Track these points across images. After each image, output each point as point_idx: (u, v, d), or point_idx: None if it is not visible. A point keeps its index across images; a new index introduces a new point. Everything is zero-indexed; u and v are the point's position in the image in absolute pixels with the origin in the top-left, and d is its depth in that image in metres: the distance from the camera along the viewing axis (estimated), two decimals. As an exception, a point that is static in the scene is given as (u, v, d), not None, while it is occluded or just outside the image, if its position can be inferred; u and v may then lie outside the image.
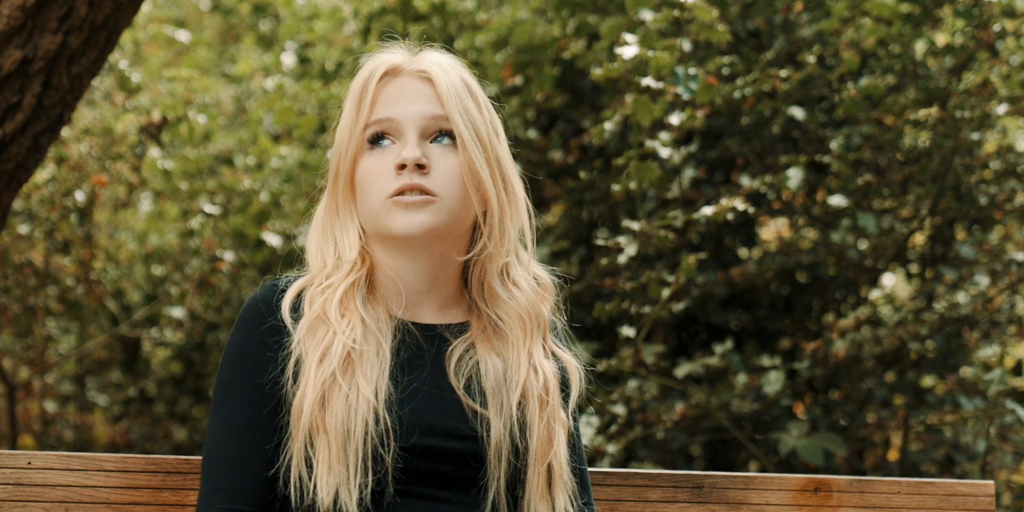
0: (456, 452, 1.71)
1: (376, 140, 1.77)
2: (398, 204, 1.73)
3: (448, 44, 4.83)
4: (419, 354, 1.76)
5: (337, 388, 1.68)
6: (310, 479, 1.67)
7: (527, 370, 1.77)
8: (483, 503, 1.72)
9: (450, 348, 1.77)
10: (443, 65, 1.79)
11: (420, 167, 1.73)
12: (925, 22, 4.04)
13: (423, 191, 1.73)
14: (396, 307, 1.78)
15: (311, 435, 1.67)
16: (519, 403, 1.75)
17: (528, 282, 1.84)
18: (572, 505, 1.77)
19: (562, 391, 1.82)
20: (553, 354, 1.83)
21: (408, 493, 1.69)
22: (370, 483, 1.66)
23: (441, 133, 1.77)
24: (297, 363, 1.71)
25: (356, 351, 1.70)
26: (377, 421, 1.66)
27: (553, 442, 1.75)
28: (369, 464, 1.66)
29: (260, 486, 1.70)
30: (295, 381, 1.70)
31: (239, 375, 1.73)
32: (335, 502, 1.65)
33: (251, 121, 5.12)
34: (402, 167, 1.74)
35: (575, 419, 1.85)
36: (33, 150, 2.82)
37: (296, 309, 1.75)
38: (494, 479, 1.71)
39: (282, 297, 1.76)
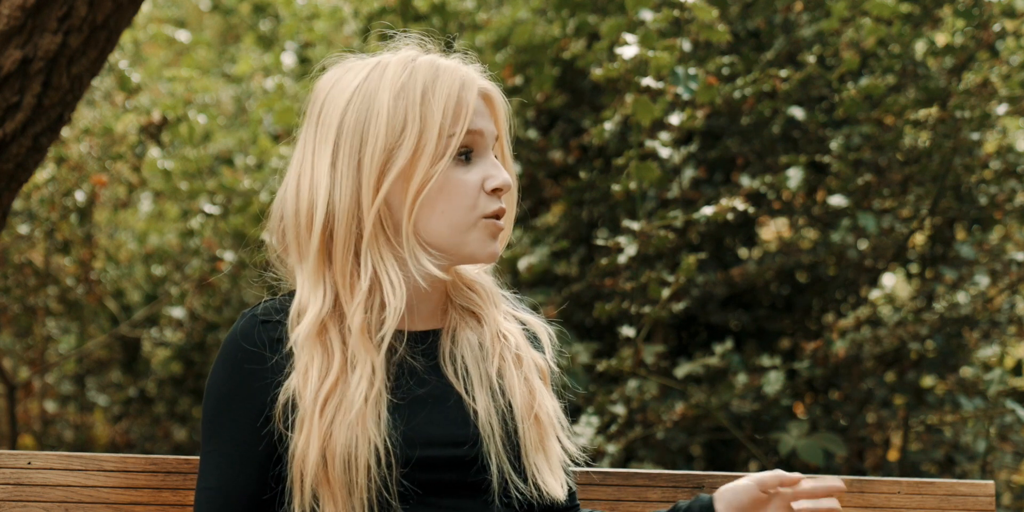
0: (458, 460, 1.70)
1: (465, 152, 1.70)
2: (493, 226, 1.70)
3: (448, 44, 4.83)
4: (415, 367, 1.73)
5: (338, 436, 1.62)
6: None
7: (499, 339, 1.77)
8: (488, 477, 1.70)
9: (439, 344, 1.76)
10: (493, 83, 1.79)
11: None
12: (925, 22, 4.04)
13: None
14: (392, 321, 1.72)
15: (315, 488, 1.63)
16: (498, 371, 1.75)
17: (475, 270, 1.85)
18: (568, 442, 1.78)
19: (535, 346, 1.83)
20: (515, 317, 1.84)
21: (418, 508, 1.69)
22: None
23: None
24: (292, 405, 1.65)
25: (369, 396, 1.65)
26: (379, 462, 1.63)
27: (535, 394, 1.75)
28: (376, 509, 1.64)
29: None
30: (288, 424, 1.65)
31: (223, 414, 1.68)
32: None
33: (251, 121, 5.12)
34: (496, 190, 1.70)
35: (552, 368, 1.84)
36: (33, 150, 2.81)
37: (284, 342, 1.68)
38: (492, 445, 1.70)
39: (264, 329, 1.68)
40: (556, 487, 1.74)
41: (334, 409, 1.63)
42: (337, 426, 1.62)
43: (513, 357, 1.77)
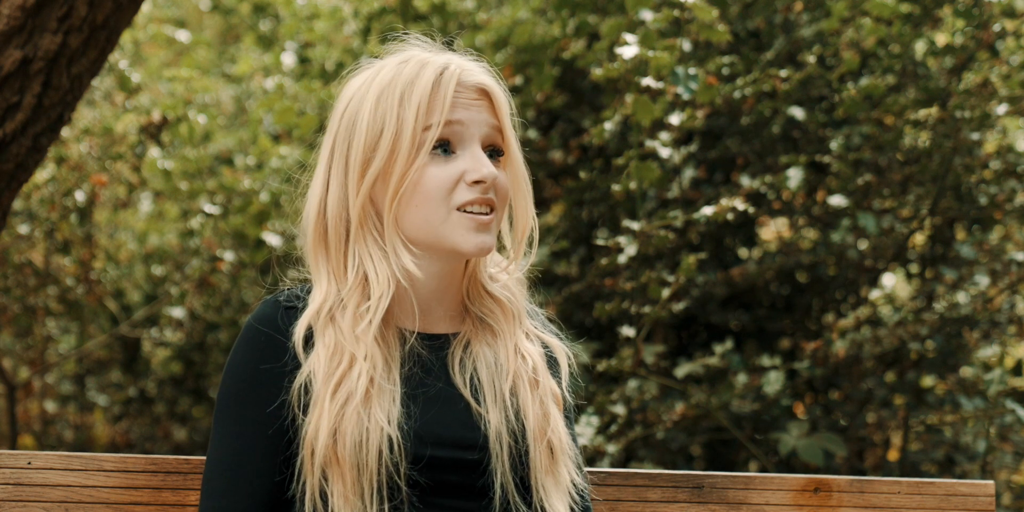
0: (465, 462, 1.71)
1: (442, 145, 1.71)
2: (471, 220, 1.70)
3: (448, 45, 4.83)
4: (429, 367, 1.75)
5: (350, 419, 1.65)
6: (325, 510, 1.66)
7: (516, 358, 1.79)
8: (491, 493, 1.71)
9: (450, 351, 1.78)
10: (494, 78, 1.78)
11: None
12: (925, 22, 4.04)
13: (492, 208, 1.73)
14: (409, 320, 1.76)
15: (324, 467, 1.66)
16: (511, 389, 1.77)
17: (505, 276, 1.85)
18: (578, 476, 1.80)
19: (552, 371, 1.84)
20: (538, 337, 1.85)
21: (423, 507, 1.69)
22: (386, 510, 1.66)
23: (492, 147, 1.76)
24: (306, 390, 1.68)
25: (373, 382, 1.68)
26: (392, 449, 1.65)
27: (550, 420, 1.77)
28: (384, 493, 1.65)
29: (257, 506, 1.70)
30: (301, 406, 1.68)
31: (240, 395, 1.71)
32: None
33: (251, 121, 5.12)
34: (477, 182, 1.70)
35: (567, 394, 1.86)
36: (33, 150, 2.82)
37: (306, 330, 1.71)
38: (499, 463, 1.71)
39: (287, 315, 1.72)
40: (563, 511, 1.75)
41: (345, 394, 1.67)
42: (349, 410, 1.66)
43: (529, 379, 1.78)
